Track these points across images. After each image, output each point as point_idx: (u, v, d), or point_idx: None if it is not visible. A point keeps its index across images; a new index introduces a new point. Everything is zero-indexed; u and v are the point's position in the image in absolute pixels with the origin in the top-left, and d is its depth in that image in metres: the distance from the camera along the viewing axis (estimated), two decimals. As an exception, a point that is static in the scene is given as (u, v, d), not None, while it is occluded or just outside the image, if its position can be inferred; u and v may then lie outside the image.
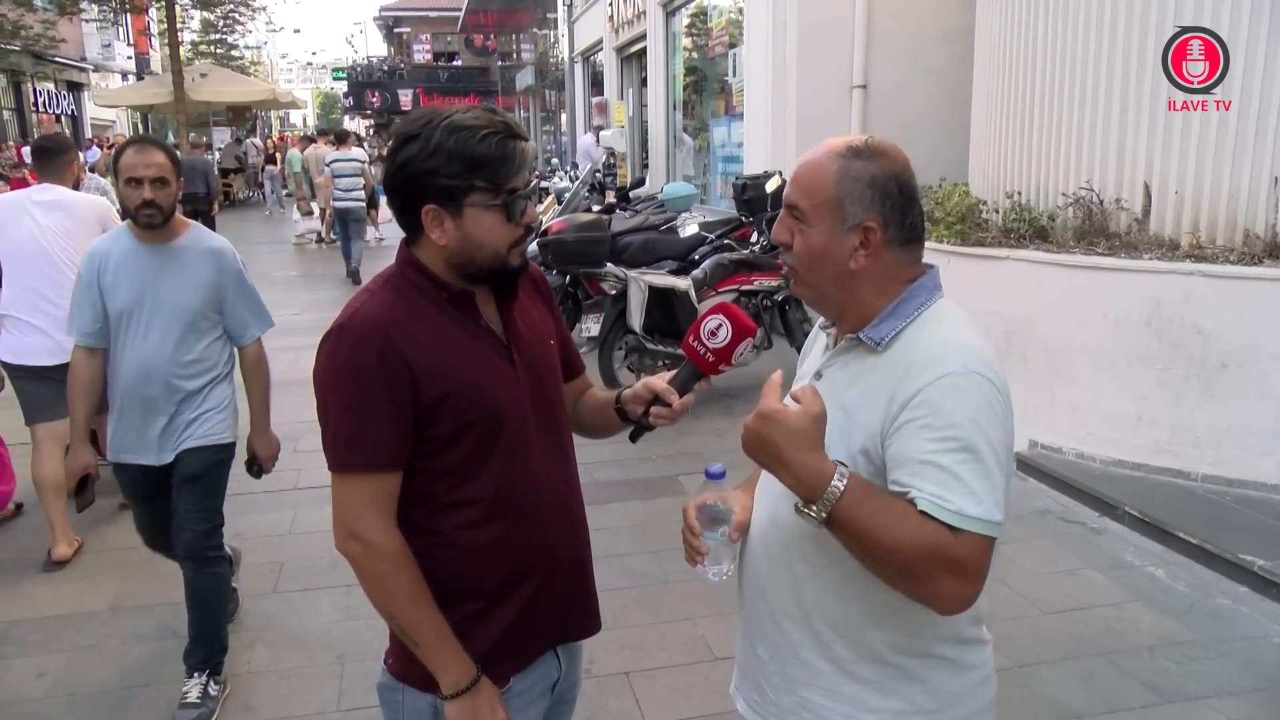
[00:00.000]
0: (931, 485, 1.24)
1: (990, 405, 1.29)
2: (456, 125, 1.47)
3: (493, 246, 1.53)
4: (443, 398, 1.50)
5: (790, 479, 1.27)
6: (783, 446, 1.26)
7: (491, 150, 1.48)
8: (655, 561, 4.04)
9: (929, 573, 1.22)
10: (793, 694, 1.48)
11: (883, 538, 1.22)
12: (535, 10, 27.49)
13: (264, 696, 3.20)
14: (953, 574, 1.22)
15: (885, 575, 1.27)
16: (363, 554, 1.51)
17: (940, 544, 1.21)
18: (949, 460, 1.24)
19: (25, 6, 20.34)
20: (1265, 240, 4.58)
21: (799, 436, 1.26)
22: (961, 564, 1.22)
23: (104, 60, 30.00)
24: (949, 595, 1.23)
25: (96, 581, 4.03)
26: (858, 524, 1.23)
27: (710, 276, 6.30)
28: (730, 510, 1.51)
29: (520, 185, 1.53)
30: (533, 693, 1.68)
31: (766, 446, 1.28)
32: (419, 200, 1.51)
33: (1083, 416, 4.93)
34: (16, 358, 4.16)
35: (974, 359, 1.31)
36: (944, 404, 1.27)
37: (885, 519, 1.22)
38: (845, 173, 1.38)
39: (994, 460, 1.26)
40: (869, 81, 8.39)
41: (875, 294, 1.41)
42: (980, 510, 1.23)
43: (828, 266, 1.40)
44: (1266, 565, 3.76)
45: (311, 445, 5.52)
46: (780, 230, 1.45)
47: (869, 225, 1.37)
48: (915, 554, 1.21)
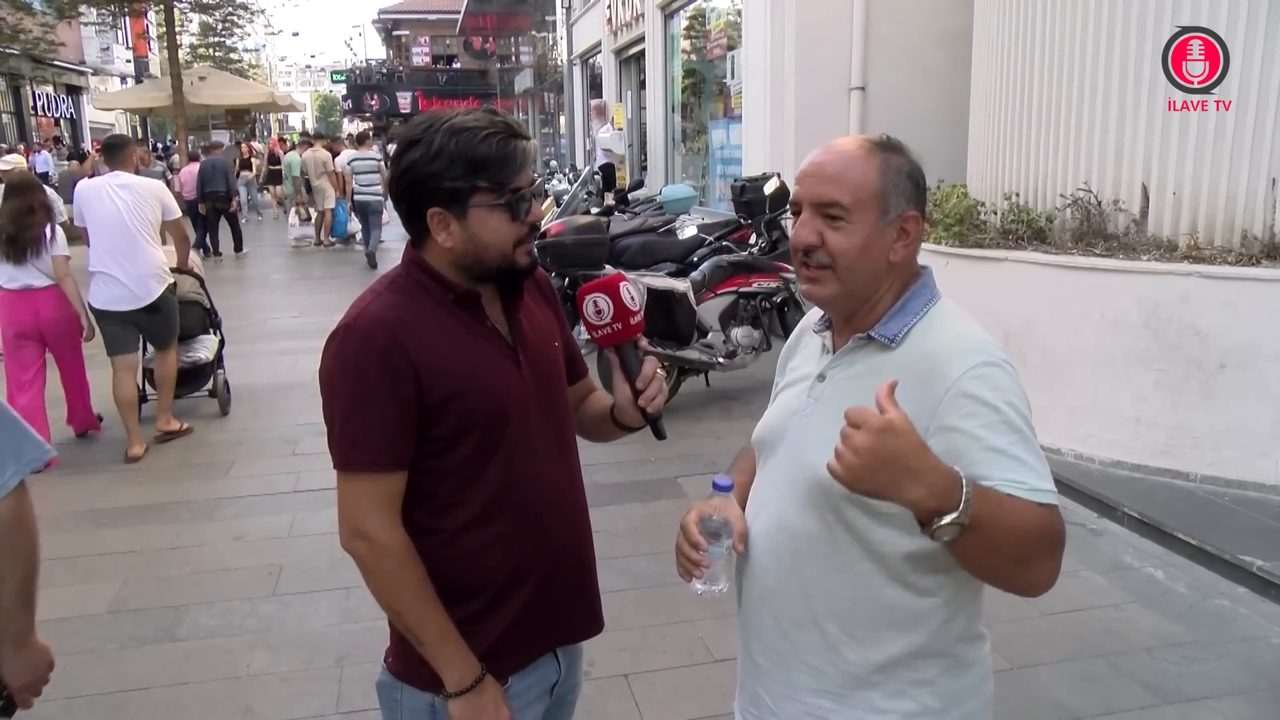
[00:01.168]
0: (1001, 471, 1.26)
1: (1018, 388, 1.33)
2: (458, 128, 1.49)
3: (499, 246, 1.54)
4: (447, 398, 1.51)
5: (923, 491, 1.17)
6: (911, 457, 1.17)
7: (493, 150, 1.49)
8: (654, 563, 4.04)
9: (1045, 552, 1.25)
10: (796, 701, 1.47)
11: (1012, 530, 1.22)
12: (534, 13, 27.54)
13: (263, 699, 3.20)
14: (1057, 548, 1.26)
15: (1001, 569, 1.26)
16: (368, 553, 1.52)
17: (1048, 522, 1.25)
18: (1004, 443, 1.27)
19: (24, 10, 20.36)
20: (1263, 241, 4.59)
21: (919, 443, 1.18)
22: (1060, 537, 1.26)
23: (103, 64, 30.03)
24: (1053, 571, 1.27)
25: (95, 585, 4.03)
26: (991, 523, 1.20)
27: (709, 278, 6.30)
28: (730, 523, 1.48)
29: (524, 184, 1.54)
30: (531, 694, 1.68)
31: (893, 462, 1.16)
32: (424, 204, 1.52)
33: (1081, 418, 4.94)
34: (106, 305, 5.47)
35: (993, 349, 1.35)
36: (982, 393, 1.29)
37: (1007, 512, 1.22)
38: (886, 166, 1.39)
39: (1034, 436, 1.31)
40: (867, 83, 8.40)
41: (891, 290, 1.42)
42: (1048, 484, 1.27)
43: (870, 261, 1.39)
44: (1265, 566, 3.77)
45: (311, 449, 5.58)
46: (805, 233, 1.40)
47: (911, 215, 1.40)
48: (1034, 536, 1.24)
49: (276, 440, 5.94)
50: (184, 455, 5.67)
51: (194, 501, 4.94)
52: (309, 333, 9.04)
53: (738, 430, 5.66)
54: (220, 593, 3.93)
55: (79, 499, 4.93)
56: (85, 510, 4.81)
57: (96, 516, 4.76)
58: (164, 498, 5.00)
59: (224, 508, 4.86)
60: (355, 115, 41.82)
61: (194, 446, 5.83)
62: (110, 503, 4.93)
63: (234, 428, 6.20)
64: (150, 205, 5.54)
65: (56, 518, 4.69)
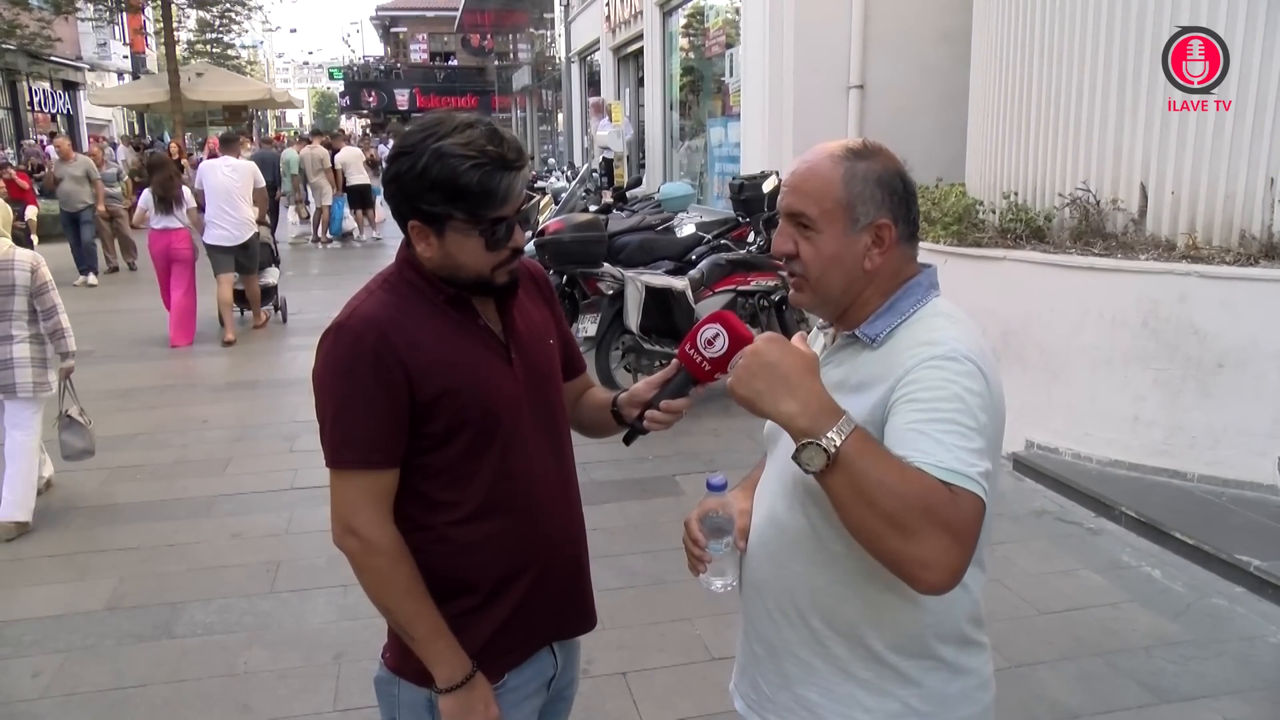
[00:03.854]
0: (911, 445, 1.21)
1: (974, 389, 1.27)
2: (444, 152, 1.45)
3: (474, 268, 1.55)
4: (438, 395, 1.52)
5: (795, 407, 1.20)
6: (792, 371, 1.22)
7: (474, 183, 1.46)
8: (652, 561, 4.04)
9: (925, 526, 1.14)
10: (789, 691, 1.49)
11: (885, 480, 1.16)
12: (532, 10, 27.49)
13: (261, 696, 3.20)
14: (946, 532, 1.15)
15: (878, 530, 1.17)
16: (359, 549, 1.52)
17: (938, 496, 1.16)
18: (935, 429, 1.22)
19: (21, 6, 20.31)
20: (1261, 241, 4.59)
21: (809, 363, 1.23)
22: (955, 523, 1.16)
23: (100, 59, 29.96)
24: (938, 559, 1.15)
25: (92, 582, 4.02)
26: (862, 463, 1.16)
27: (707, 276, 6.30)
28: (732, 519, 1.51)
29: (507, 214, 1.51)
30: (527, 689, 1.69)
31: (774, 369, 1.22)
32: (406, 215, 1.53)
33: (1079, 417, 4.94)
34: (216, 242, 8.54)
35: (963, 346, 1.31)
36: (930, 380, 1.26)
37: (889, 463, 1.18)
38: (852, 174, 1.37)
39: (980, 436, 1.23)
40: (866, 82, 8.39)
41: (876, 292, 1.41)
42: (961, 466, 1.19)
43: (841, 270, 1.39)
44: (1263, 565, 3.77)
45: (308, 445, 5.57)
46: (782, 241, 1.42)
47: (882, 223, 1.38)
48: (915, 502, 1.15)
49: (274, 437, 5.95)
50: (181, 452, 5.67)
51: (191, 498, 4.94)
52: (306, 330, 9.04)
53: (736, 428, 5.66)
54: (217, 590, 3.93)
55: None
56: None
57: (97, 514, 4.75)
58: (161, 494, 4.99)
59: (221, 504, 4.86)
60: (353, 112, 41.83)
61: (192, 443, 5.83)
62: (108, 499, 4.93)
63: (231, 424, 6.20)
64: (246, 180, 8.74)
65: (56, 513, 4.70)
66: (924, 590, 1.19)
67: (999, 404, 1.33)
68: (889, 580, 1.36)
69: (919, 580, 1.17)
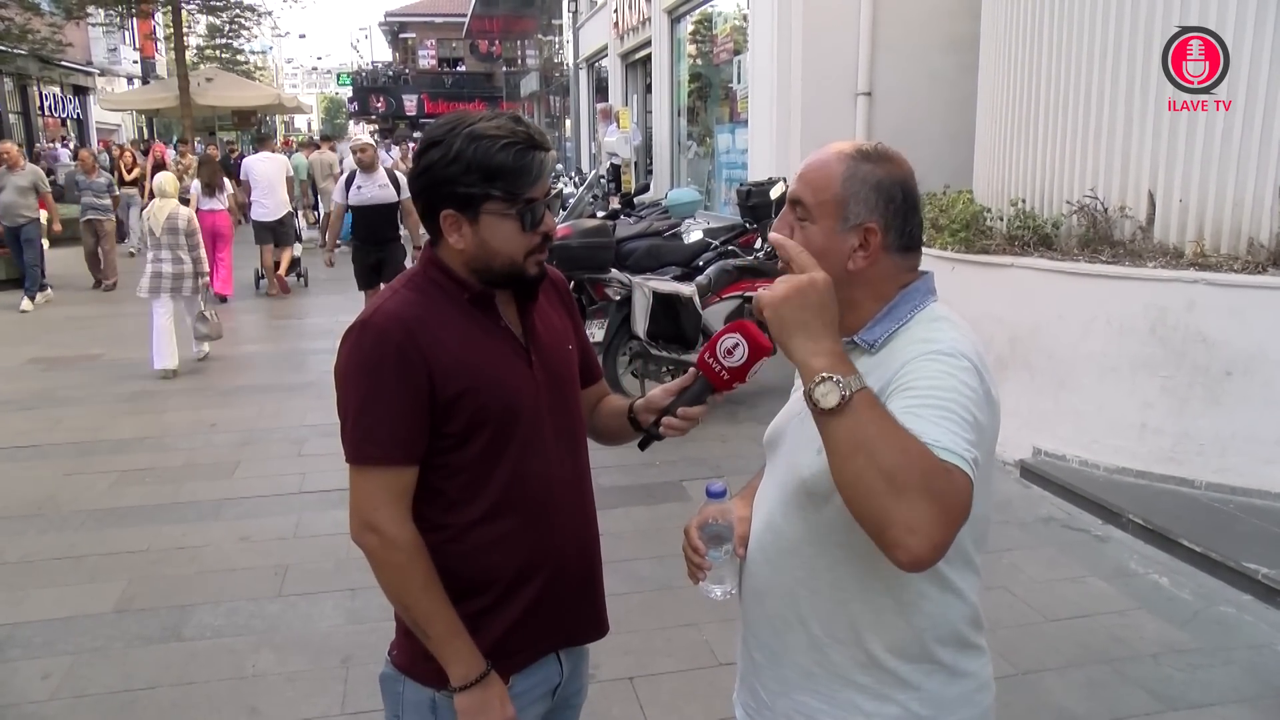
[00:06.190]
0: (914, 431, 1.20)
1: (971, 384, 1.27)
2: (478, 134, 1.50)
3: (508, 254, 1.56)
4: (459, 394, 1.53)
5: (814, 347, 1.22)
6: (823, 313, 1.23)
7: (509, 161, 1.50)
8: (659, 567, 4.04)
9: (919, 489, 1.13)
10: (787, 698, 1.49)
11: (890, 435, 1.16)
12: (540, 16, 27.58)
13: (269, 700, 3.21)
14: (937, 502, 1.13)
15: (871, 485, 1.15)
16: (378, 546, 1.53)
17: (935, 465, 1.16)
18: (930, 414, 1.22)
19: (32, 10, 20.44)
20: (1269, 249, 4.58)
21: (834, 320, 1.24)
22: (946, 496, 1.14)
23: (110, 64, 30.10)
24: (923, 526, 1.12)
25: (101, 584, 4.04)
26: (871, 413, 1.17)
27: (714, 283, 6.30)
28: (731, 526, 1.51)
29: (538, 195, 1.55)
30: (533, 694, 1.69)
31: (805, 307, 1.23)
32: (439, 205, 1.54)
33: (1087, 424, 4.93)
34: (258, 218, 11.06)
35: (959, 345, 1.32)
36: (927, 370, 1.27)
37: (895, 424, 1.18)
38: (853, 173, 1.39)
39: (973, 429, 1.23)
40: (874, 88, 8.41)
41: (870, 297, 1.42)
42: (953, 445, 1.19)
43: (825, 265, 1.37)
44: (1271, 573, 3.76)
45: (317, 449, 5.60)
46: (780, 226, 1.45)
47: (869, 226, 1.38)
48: (915, 461, 1.14)
49: (283, 440, 5.97)
50: (190, 455, 5.69)
51: (200, 501, 4.96)
52: (314, 334, 9.07)
53: (743, 434, 5.66)
54: (226, 593, 3.94)
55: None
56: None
57: (103, 516, 4.77)
58: (170, 497, 5.01)
59: (230, 508, 4.88)
60: (361, 117, 41.92)
61: (200, 446, 5.85)
62: (117, 502, 4.95)
63: (239, 428, 6.22)
64: (281, 170, 11.52)
65: (66, 516, 4.73)
66: (904, 561, 1.15)
67: (994, 408, 1.34)
68: (888, 583, 1.37)
69: (900, 546, 1.13)
